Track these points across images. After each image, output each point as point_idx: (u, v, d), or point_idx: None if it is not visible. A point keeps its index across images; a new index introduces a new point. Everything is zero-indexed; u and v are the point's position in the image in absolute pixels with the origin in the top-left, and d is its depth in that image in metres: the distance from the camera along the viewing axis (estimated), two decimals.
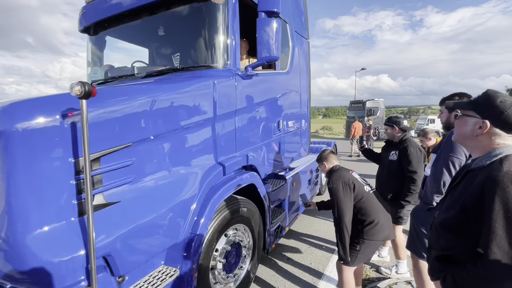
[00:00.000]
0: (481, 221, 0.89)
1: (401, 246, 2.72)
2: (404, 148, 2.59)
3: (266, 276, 2.89)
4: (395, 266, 2.84)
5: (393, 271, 2.81)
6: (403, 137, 2.70)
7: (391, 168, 2.68)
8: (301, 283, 2.76)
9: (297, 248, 3.52)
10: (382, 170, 2.85)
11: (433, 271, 1.13)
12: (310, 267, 3.05)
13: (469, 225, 0.95)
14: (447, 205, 1.10)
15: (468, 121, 1.03)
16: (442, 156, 1.87)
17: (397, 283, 2.62)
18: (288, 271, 2.98)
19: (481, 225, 0.90)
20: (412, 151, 2.53)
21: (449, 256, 1.04)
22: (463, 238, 0.98)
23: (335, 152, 5.69)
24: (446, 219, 1.05)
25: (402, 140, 2.68)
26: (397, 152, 2.65)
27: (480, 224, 0.90)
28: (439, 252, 1.08)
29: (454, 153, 1.79)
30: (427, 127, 3.88)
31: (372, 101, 20.28)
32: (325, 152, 2.39)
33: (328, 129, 31.55)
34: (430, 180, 1.93)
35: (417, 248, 2.01)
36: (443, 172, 1.83)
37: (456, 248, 1.01)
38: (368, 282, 2.75)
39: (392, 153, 2.69)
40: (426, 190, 1.98)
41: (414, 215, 2.11)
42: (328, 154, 2.36)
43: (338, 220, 2.03)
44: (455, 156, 1.78)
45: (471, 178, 1.01)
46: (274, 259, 3.22)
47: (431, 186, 1.91)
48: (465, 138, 1.06)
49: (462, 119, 1.06)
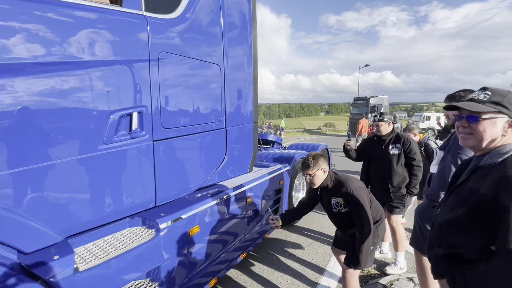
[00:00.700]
0: (497, 219, 0.87)
1: (401, 238, 2.83)
2: (405, 142, 2.74)
3: (268, 271, 2.90)
4: (395, 262, 2.86)
5: (396, 267, 2.81)
6: (397, 132, 2.86)
7: (393, 161, 2.77)
8: (303, 279, 2.76)
9: (299, 244, 3.52)
10: (380, 165, 2.86)
11: (438, 269, 1.11)
12: (312, 263, 3.05)
13: (482, 223, 0.93)
14: (453, 204, 1.07)
15: (498, 121, 0.99)
16: (450, 153, 1.86)
17: (399, 280, 2.62)
18: (290, 266, 2.99)
19: (496, 224, 0.87)
20: (413, 143, 2.75)
21: (456, 254, 1.02)
22: (474, 236, 0.96)
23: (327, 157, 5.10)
24: (454, 217, 1.02)
25: (398, 135, 2.83)
26: (398, 146, 2.76)
27: (496, 222, 0.88)
28: (445, 251, 1.06)
29: (463, 151, 1.78)
30: (412, 124, 3.88)
31: (376, 98, 20.16)
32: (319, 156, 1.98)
33: (331, 126, 31.42)
34: (437, 177, 1.92)
35: (421, 244, 2.01)
36: (451, 170, 1.81)
37: (464, 247, 0.99)
38: (370, 278, 2.76)
39: (392, 147, 2.79)
40: (432, 187, 1.96)
41: (419, 212, 2.10)
42: (323, 159, 1.99)
43: (366, 228, 1.84)
44: (464, 153, 1.76)
45: (481, 175, 0.98)
46: (276, 255, 3.23)
47: (438, 183, 1.89)
48: (493, 139, 1.01)
49: (491, 121, 1.00)
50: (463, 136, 1.07)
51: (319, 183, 1.99)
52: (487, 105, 1.00)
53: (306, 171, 1.95)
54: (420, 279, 2.10)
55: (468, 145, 1.07)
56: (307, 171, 1.94)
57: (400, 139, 2.77)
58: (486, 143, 1.01)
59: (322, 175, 1.96)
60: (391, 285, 2.53)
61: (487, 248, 0.92)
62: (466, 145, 1.08)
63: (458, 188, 1.08)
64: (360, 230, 1.86)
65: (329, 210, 2.08)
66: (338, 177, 2.00)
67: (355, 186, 1.92)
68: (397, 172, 2.74)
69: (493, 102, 1.00)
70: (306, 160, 1.96)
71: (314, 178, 1.95)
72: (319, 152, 2.16)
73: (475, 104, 1.02)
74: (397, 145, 2.77)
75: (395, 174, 2.74)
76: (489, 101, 1.01)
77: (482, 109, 1.00)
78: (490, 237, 0.90)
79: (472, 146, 1.06)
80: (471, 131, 1.03)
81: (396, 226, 2.83)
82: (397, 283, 2.56)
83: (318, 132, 26.84)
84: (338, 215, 2.04)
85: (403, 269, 2.82)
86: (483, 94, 1.04)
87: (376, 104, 19.65)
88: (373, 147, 2.95)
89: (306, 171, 1.95)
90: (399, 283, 2.57)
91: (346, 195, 1.90)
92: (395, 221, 2.83)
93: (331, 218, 2.16)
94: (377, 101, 19.92)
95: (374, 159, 2.94)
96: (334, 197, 1.98)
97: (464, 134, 1.06)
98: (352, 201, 1.88)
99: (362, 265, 1.87)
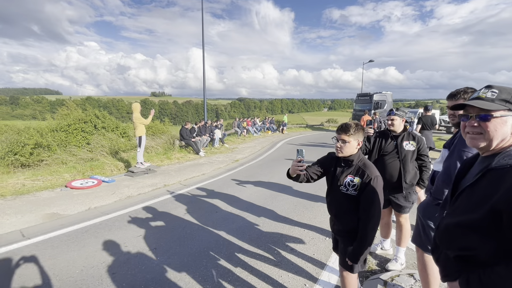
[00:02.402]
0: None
1: (406, 234, 2.84)
2: (419, 139, 2.79)
3: (269, 266, 2.92)
4: (396, 257, 2.87)
5: (397, 263, 2.82)
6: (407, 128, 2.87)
7: (408, 158, 2.77)
8: (304, 274, 2.78)
9: (300, 238, 3.54)
10: (394, 161, 2.79)
11: (448, 272, 1.07)
12: (313, 258, 3.07)
13: (500, 227, 0.88)
14: (464, 206, 1.02)
15: (508, 120, 0.97)
16: (455, 151, 1.84)
17: (400, 276, 2.63)
18: (291, 261, 3.01)
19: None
20: (425, 141, 2.80)
21: (468, 256, 0.98)
22: (489, 239, 0.92)
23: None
24: (467, 220, 0.98)
25: (409, 132, 2.83)
26: (413, 143, 2.77)
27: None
28: (457, 253, 1.02)
29: (468, 149, 1.77)
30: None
31: (379, 94, 19.98)
32: (361, 127, 1.83)
33: (334, 121, 31.28)
34: (443, 175, 1.91)
35: (422, 241, 2.01)
36: (457, 168, 1.80)
37: (479, 249, 0.95)
38: (370, 273, 2.77)
39: (406, 143, 2.77)
40: (437, 185, 1.95)
41: (421, 210, 2.09)
42: (363, 132, 1.83)
43: (374, 220, 1.70)
44: (470, 151, 1.75)
45: (495, 178, 0.93)
46: (277, 249, 3.25)
47: (443, 181, 1.88)
48: (503, 139, 0.99)
49: (501, 119, 0.97)
50: (472, 136, 1.03)
51: (346, 154, 1.82)
52: (497, 103, 0.98)
53: (342, 134, 1.79)
54: (421, 276, 2.10)
55: (477, 146, 1.03)
56: (343, 135, 1.79)
57: (413, 136, 2.79)
58: (497, 142, 0.98)
59: (354, 147, 1.81)
60: (392, 281, 2.54)
61: (504, 251, 0.88)
62: (475, 145, 1.04)
63: (469, 190, 1.02)
64: (366, 222, 1.72)
65: (335, 188, 1.89)
66: (365, 160, 1.86)
67: (379, 174, 1.78)
68: (411, 168, 2.76)
69: (502, 100, 0.98)
70: (347, 125, 1.80)
71: (346, 146, 1.79)
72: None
73: (486, 102, 0.99)
74: (411, 141, 2.77)
75: (409, 171, 2.75)
76: (498, 99, 0.98)
77: (494, 108, 0.97)
78: (508, 241, 0.87)
79: (482, 147, 1.02)
80: (481, 130, 1.00)
81: (405, 223, 2.85)
82: (397, 279, 2.58)
83: (321, 128, 26.72)
84: (342, 196, 1.84)
85: (403, 265, 2.84)
86: (490, 92, 1.01)
87: (379, 100, 19.49)
88: (385, 143, 2.87)
89: (342, 135, 1.79)
90: (400, 279, 2.58)
91: (366, 179, 1.74)
92: (404, 217, 2.86)
93: (331, 199, 1.97)
94: (380, 97, 19.75)
95: (386, 155, 2.86)
96: (351, 175, 1.81)
97: (474, 134, 1.03)
98: (370, 188, 1.73)
99: (360, 263, 1.78)
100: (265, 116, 23.89)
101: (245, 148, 12.42)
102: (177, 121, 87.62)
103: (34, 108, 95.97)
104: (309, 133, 21.83)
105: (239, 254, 3.14)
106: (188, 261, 2.98)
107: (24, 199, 5.02)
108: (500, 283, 0.87)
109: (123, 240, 3.47)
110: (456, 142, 1.87)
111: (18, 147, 8.59)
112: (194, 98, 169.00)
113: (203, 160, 9.39)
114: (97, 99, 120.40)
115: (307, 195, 5.34)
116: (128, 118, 48.03)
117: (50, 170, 7.02)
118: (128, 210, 4.56)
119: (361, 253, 1.74)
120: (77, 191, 5.51)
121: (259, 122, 20.13)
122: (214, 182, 6.49)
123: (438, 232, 1.13)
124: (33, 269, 2.81)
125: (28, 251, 3.16)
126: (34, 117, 49.80)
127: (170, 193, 5.50)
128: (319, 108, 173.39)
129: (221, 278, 2.67)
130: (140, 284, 2.57)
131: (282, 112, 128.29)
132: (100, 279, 2.65)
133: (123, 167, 7.62)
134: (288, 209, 4.62)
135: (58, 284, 2.57)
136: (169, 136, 11.52)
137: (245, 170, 7.90)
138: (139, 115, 6.97)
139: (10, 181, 5.81)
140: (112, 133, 11.43)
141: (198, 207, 4.71)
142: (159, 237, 3.55)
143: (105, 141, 9.96)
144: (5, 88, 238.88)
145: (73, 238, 3.52)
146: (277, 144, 13.76)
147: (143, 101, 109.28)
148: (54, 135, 10.57)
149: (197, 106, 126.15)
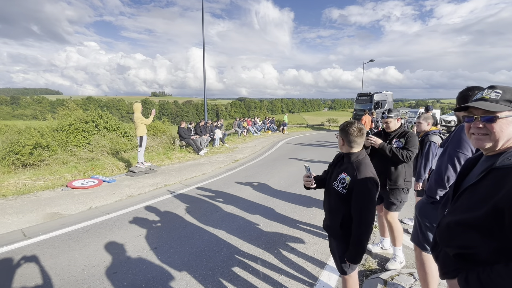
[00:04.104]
0: None
1: (398, 233, 2.86)
2: (409, 136, 2.79)
3: (269, 265, 2.93)
4: (395, 256, 2.88)
5: (396, 262, 2.83)
6: (404, 129, 2.92)
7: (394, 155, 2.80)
8: (304, 273, 2.79)
9: (300, 238, 3.55)
10: (382, 158, 2.81)
11: (447, 270, 1.08)
12: (313, 257, 3.08)
13: (502, 227, 0.88)
14: (467, 205, 1.01)
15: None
16: (448, 150, 1.85)
17: (400, 275, 2.63)
18: (291, 260, 3.02)
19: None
20: (414, 138, 2.79)
21: (468, 254, 0.99)
22: (491, 238, 0.92)
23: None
24: (469, 219, 0.98)
25: (405, 130, 2.88)
26: (402, 140, 2.80)
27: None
28: (456, 251, 1.02)
29: (460, 149, 1.77)
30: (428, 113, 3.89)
31: (380, 93, 19.97)
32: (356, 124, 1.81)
33: (334, 121, 31.23)
34: (435, 174, 1.92)
35: (420, 240, 2.02)
36: (448, 168, 1.81)
37: (479, 248, 0.95)
38: (370, 273, 2.78)
39: (395, 141, 2.82)
40: (430, 183, 1.96)
41: (418, 208, 2.11)
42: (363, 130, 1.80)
43: (366, 224, 1.68)
44: (462, 151, 1.76)
45: (499, 177, 0.93)
46: (278, 248, 3.26)
47: (435, 181, 1.89)
48: (509, 139, 0.99)
49: (507, 120, 0.97)
50: (477, 137, 1.03)
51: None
52: (501, 103, 0.98)
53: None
54: (420, 274, 2.11)
55: (483, 147, 1.03)
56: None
57: (405, 133, 2.82)
58: (503, 143, 0.99)
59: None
60: (391, 280, 2.55)
61: (504, 250, 0.88)
62: (481, 146, 1.04)
63: (471, 189, 1.02)
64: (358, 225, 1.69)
65: (330, 183, 1.90)
66: (363, 160, 1.79)
67: (371, 176, 1.71)
68: (398, 167, 2.77)
69: (506, 101, 0.98)
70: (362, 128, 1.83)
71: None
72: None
73: (491, 103, 0.99)
74: (400, 139, 2.80)
75: (394, 169, 2.77)
76: (502, 99, 0.98)
77: (499, 109, 0.97)
78: (508, 240, 0.87)
79: (488, 148, 1.02)
80: (487, 131, 1.00)
81: (393, 221, 2.86)
82: (397, 278, 2.58)
83: (321, 128, 26.71)
84: (333, 192, 1.84)
85: (402, 263, 2.85)
86: (494, 93, 1.01)
87: (380, 100, 19.48)
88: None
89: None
90: (400, 278, 2.59)
91: (355, 178, 1.71)
92: (392, 216, 2.86)
93: (325, 193, 1.99)
94: (381, 97, 19.74)
95: (377, 153, 2.91)
96: (345, 173, 1.78)
97: (479, 135, 1.03)
98: (358, 189, 1.69)
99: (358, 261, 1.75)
100: (266, 116, 23.89)
101: (246, 148, 12.43)
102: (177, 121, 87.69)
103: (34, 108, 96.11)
104: (310, 132, 21.83)
105: (239, 253, 3.15)
106: (189, 260, 2.99)
107: (25, 198, 5.04)
108: (499, 282, 0.87)
109: (124, 239, 3.48)
110: (450, 141, 1.88)
111: (19, 147, 8.62)
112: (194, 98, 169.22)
113: (203, 160, 9.40)
114: (97, 99, 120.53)
115: (308, 194, 5.35)
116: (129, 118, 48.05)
117: (51, 170, 7.03)
118: (128, 209, 4.57)
119: (354, 254, 1.72)
120: (78, 191, 5.53)
121: (259, 122, 20.13)
122: (214, 181, 6.50)
123: (438, 230, 1.14)
124: (34, 268, 2.83)
125: (30, 251, 3.18)
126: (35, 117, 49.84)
127: (171, 193, 5.51)
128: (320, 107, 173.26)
129: (221, 278, 2.68)
130: (141, 283, 2.58)
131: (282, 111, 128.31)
132: (101, 278, 2.66)
133: (124, 167, 7.64)
134: (288, 209, 4.63)
135: (60, 283, 2.58)
136: (170, 135, 11.54)
137: (246, 170, 7.91)
138: (140, 115, 6.99)
139: (11, 181, 5.83)
140: (114, 133, 11.46)
141: (198, 207, 4.73)
142: (160, 237, 3.56)
143: (105, 141, 9.98)
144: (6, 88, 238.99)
145: (74, 237, 3.53)
146: (278, 144, 13.77)
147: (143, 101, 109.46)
148: (54, 135, 10.59)
149: (197, 106, 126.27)
